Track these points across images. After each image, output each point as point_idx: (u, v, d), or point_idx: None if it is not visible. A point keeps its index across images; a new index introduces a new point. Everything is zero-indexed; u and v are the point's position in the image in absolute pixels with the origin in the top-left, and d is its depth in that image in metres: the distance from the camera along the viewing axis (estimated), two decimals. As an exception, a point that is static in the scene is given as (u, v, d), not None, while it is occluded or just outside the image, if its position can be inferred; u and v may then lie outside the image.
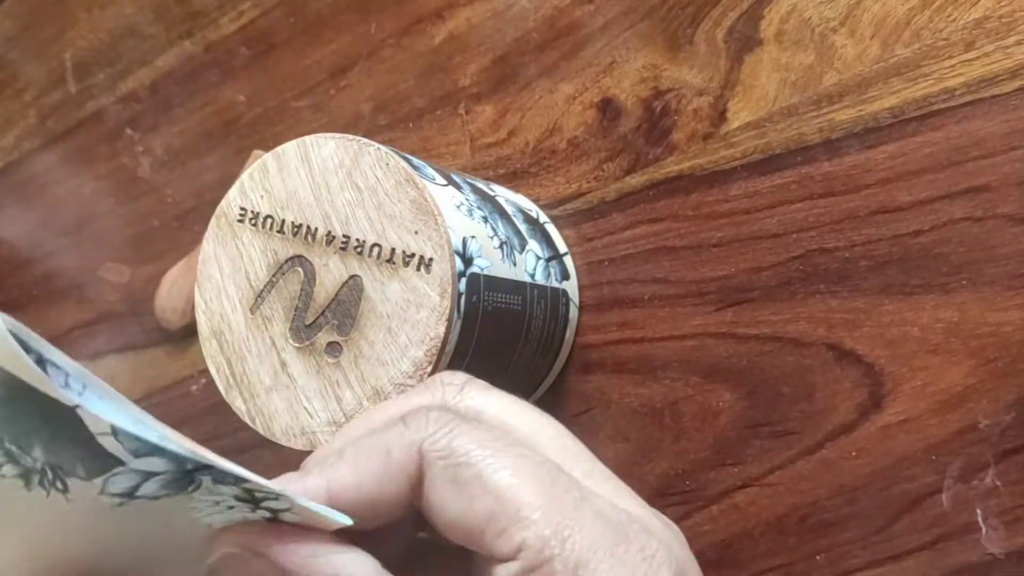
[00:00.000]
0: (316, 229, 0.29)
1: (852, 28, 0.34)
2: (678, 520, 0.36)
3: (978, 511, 0.32)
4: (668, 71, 0.37)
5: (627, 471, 0.38)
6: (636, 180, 0.38)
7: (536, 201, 0.40)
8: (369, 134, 0.44)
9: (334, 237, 0.29)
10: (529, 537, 0.21)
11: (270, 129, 0.47)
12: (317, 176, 0.30)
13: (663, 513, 0.26)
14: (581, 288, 0.39)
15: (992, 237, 0.32)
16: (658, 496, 0.37)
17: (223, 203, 0.31)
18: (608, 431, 0.38)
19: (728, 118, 0.36)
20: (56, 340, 0.30)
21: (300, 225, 0.30)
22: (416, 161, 0.31)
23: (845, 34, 0.34)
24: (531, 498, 0.21)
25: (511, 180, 0.41)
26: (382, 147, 0.30)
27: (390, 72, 0.44)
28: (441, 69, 0.42)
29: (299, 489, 0.22)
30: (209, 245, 0.31)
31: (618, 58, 0.38)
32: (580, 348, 0.39)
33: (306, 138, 0.30)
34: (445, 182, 0.31)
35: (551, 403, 0.39)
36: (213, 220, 0.31)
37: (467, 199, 0.32)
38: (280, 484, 0.22)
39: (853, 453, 0.34)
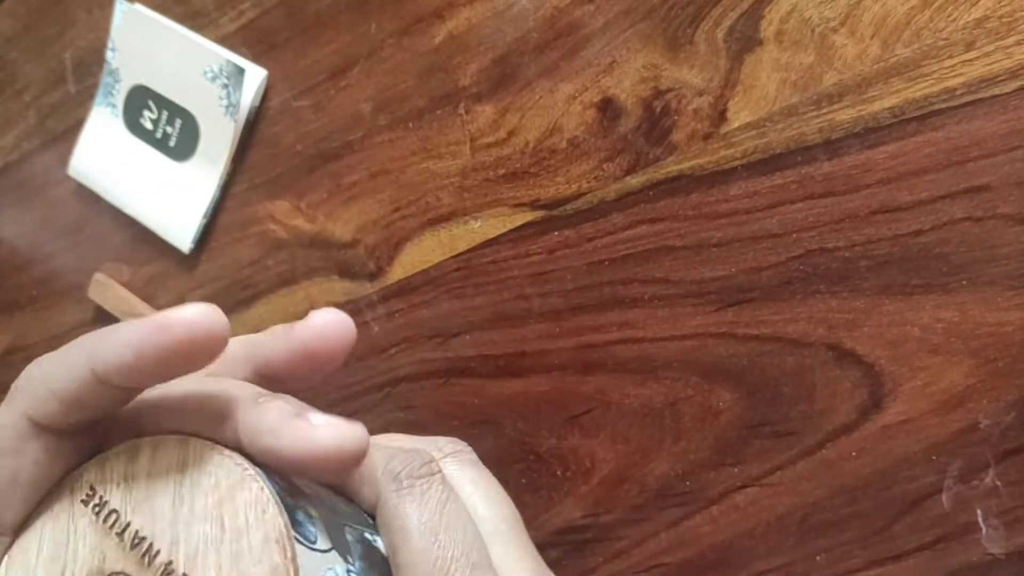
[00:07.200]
0: (157, 552, 0.23)
1: (852, 28, 0.34)
2: (679, 521, 0.36)
3: (978, 511, 0.32)
4: (668, 71, 0.37)
5: (627, 472, 0.38)
6: (636, 180, 0.38)
7: (536, 201, 0.40)
8: (369, 134, 0.44)
9: (172, 573, 0.23)
10: None
11: (270, 129, 0.47)
12: (186, 490, 0.24)
13: (663, 513, 0.26)
14: (582, 288, 0.39)
15: (992, 237, 0.32)
16: (658, 497, 0.37)
17: (77, 470, 0.25)
18: (608, 432, 0.38)
19: (728, 118, 0.36)
20: (55, 340, 0.29)
21: (143, 539, 0.24)
22: (313, 508, 0.25)
23: (845, 34, 0.34)
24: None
25: (511, 180, 0.40)
26: (268, 486, 0.24)
27: (390, 72, 0.43)
28: (441, 69, 0.42)
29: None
30: (40, 516, 0.25)
31: (618, 58, 0.38)
32: (580, 348, 0.39)
33: (190, 440, 0.24)
34: (329, 546, 0.25)
35: (551, 404, 0.39)
36: (58, 485, 0.25)
37: (352, 569, 0.26)
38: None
39: (853, 453, 0.34)
